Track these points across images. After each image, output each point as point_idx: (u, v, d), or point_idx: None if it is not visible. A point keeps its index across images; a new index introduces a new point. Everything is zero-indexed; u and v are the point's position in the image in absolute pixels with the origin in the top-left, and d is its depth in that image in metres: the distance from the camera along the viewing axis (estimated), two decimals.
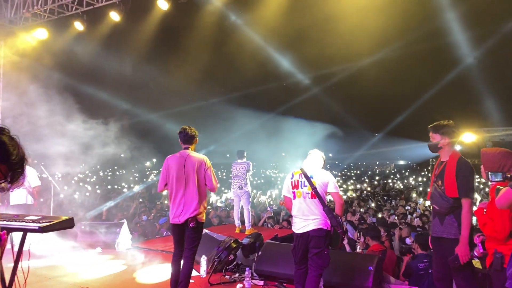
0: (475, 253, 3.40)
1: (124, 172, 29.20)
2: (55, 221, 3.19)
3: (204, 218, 4.77)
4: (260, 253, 5.96)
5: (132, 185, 22.50)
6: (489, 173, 3.22)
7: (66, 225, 3.28)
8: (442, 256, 3.88)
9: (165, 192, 18.54)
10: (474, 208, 3.65)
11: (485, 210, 3.20)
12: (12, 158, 1.81)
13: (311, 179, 4.46)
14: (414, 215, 11.41)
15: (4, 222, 3.59)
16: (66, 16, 10.94)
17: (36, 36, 11.26)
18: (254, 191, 17.78)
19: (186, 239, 4.70)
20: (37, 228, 3.23)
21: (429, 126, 4.12)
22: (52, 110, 9.85)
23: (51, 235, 6.96)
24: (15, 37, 11.55)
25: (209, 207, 13.41)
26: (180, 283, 4.63)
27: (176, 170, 4.72)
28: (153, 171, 35.68)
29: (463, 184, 3.72)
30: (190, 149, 4.86)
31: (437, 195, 3.87)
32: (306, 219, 4.41)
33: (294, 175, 4.62)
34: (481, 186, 18.71)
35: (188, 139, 4.88)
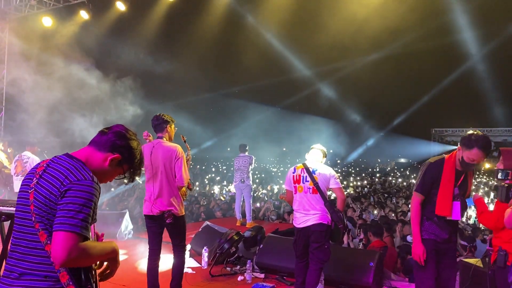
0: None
1: None
2: None
3: (182, 211, 4.38)
4: (261, 246, 5.99)
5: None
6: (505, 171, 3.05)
7: None
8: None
9: None
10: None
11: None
12: (135, 161, 2.09)
13: (313, 174, 4.47)
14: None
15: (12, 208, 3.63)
16: (72, 5, 10.95)
17: (41, 24, 11.26)
18: (255, 185, 17.82)
19: (170, 236, 4.45)
20: None
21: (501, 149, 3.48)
22: (54, 98, 9.85)
23: None
24: (20, 24, 11.55)
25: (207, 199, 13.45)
26: (172, 280, 4.45)
27: (146, 159, 4.35)
28: None
29: None
30: (163, 137, 4.39)
31: (463, 205, 3.63)
32: (307, 213, 4.43)
33: (296, 170, 4.61)
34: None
35: (156, 126, 4.43)
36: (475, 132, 3.41)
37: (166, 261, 6.27)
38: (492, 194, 15.69)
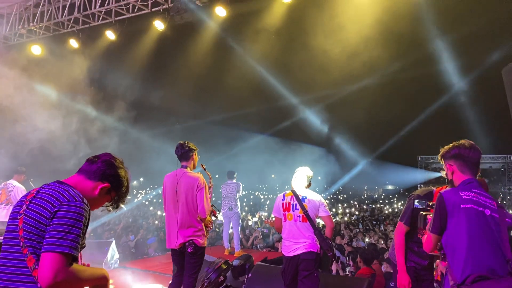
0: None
1: None
2: None
3: (205, 243, 4.43)
4: (250, 275, 5.93)
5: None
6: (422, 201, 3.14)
7: None
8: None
9: (154, 212, 18.22)
10: None
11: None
12: (122, 189, 2.13)
13: (302, 202, 4.46)
14: None
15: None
16: (61, 34, 11.00)
17: (30, 52, 11.28)
18: (243, 213, 17.71)
19: (185, 265, 4.42)
20: None
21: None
22: (42, 127, 9.80)
23: None
24: (9, 52, 11.56)
25: None
26: None
27: (170, 191, 4.45)
28: (140, 191, 35.41)
29: None
30: (188, 167, 4.48)
31: None
32: (296, 242, 4.40)
33: (286, 197, 4.59)
34: None
35: (181, 154, 4.49)
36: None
37: None
38: None
